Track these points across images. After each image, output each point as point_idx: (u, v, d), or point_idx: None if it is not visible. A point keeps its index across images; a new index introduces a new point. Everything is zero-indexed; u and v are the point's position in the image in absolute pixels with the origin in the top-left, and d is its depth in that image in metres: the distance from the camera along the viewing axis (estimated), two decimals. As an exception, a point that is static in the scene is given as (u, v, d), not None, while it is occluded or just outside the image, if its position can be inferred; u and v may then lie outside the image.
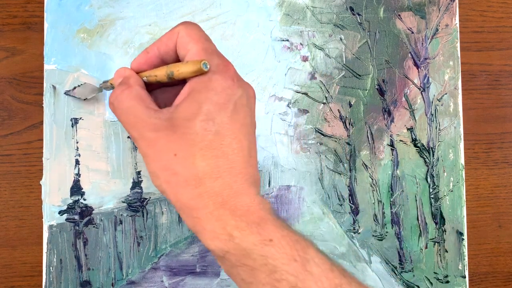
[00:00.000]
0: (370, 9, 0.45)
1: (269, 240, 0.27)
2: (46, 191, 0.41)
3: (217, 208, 0.28)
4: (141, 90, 0.31)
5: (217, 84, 0.29)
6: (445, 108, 0.44)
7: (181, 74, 0.30)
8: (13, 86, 0.43)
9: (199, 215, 0.28)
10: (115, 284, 0.41)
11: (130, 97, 0.30)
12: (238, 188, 0.29)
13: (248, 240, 0.27)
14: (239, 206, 0.28)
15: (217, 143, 0.28)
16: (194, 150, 0.28)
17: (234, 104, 0.29)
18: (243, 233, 0.27)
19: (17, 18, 0.44)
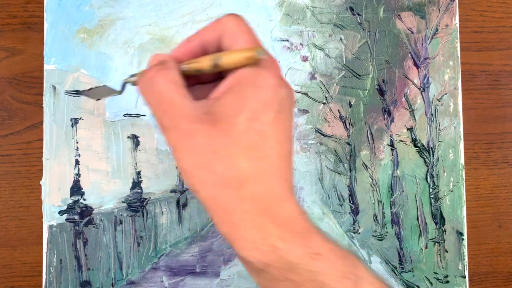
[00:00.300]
0: (370, 9, 0.45)
1: (316, 253, 0.25)
2: (46, 191, 0.41)
3: (258, 214, 0.25)
4: (178, 75, 0.28)
5: (265, 81, 0.27)
6: (445, 108, 0.44)
7: (231, 60, 0.27)
8: (13, 86, 0.43)
9: (237, 221, 0.26)
10: (115, 284, 0.41)
11: (166, 79, 0.27)
12: (280, 194, 0.26)
13: (294, 252, 0.25)
14: (282, 214, 0.26)
15: (261, 144, 0.26)
16: (237, 149, 0.26)
17: (279, 104, 0.27)
18: (288, 245, 0.25)
19: (17, 18, 0.44)
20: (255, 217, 0.25)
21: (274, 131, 0.27)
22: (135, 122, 0.42)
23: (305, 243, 0.25)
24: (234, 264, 0.42)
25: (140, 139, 0.42)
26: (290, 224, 0.25)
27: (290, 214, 0.26)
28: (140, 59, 0.42)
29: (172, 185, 0.42)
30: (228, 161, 0.26)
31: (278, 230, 0.25)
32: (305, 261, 0.24)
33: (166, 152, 0.42)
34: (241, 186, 0.26)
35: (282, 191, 0.26)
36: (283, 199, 0.26)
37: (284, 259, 0.24)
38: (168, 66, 0.28)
